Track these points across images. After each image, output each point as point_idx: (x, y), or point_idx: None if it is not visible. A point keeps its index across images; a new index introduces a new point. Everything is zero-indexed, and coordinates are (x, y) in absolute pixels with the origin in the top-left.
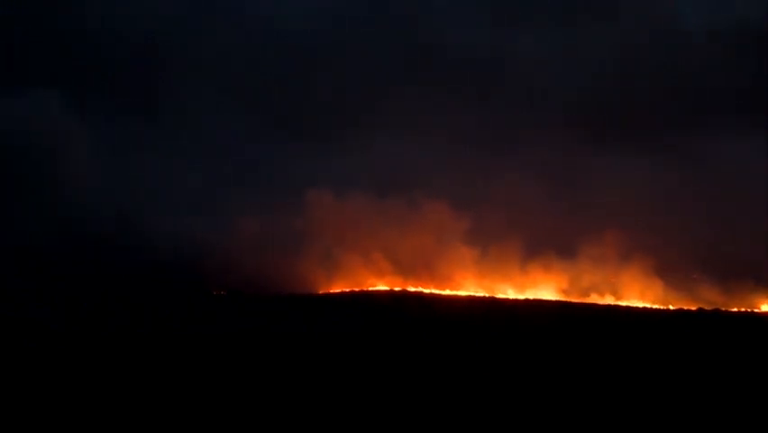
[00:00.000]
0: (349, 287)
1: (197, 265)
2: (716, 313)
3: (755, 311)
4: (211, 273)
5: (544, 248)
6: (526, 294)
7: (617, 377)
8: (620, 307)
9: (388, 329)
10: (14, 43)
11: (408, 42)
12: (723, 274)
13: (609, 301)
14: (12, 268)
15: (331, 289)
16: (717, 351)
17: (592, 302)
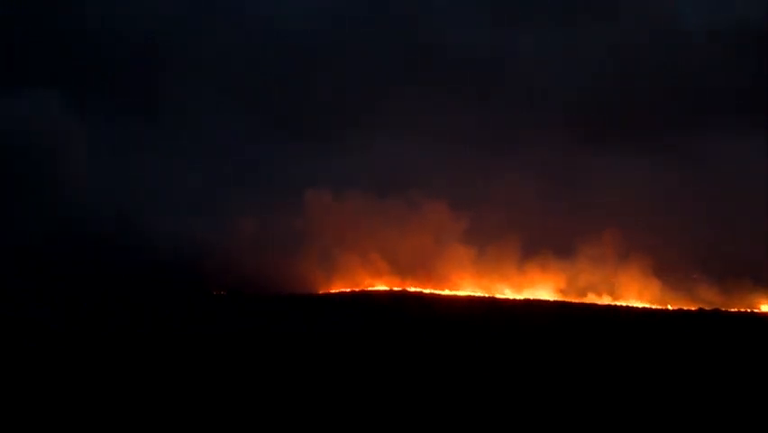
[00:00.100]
0: (348, 287)
1: (197, 265)
2: (716, 313)
3: (755, 311)
4: (211, 273)
5: (542, 248)
6: (524, 294)
7: (618, 377)
8: (620, 307)
9: (388, 329)
10: (14, 43)
11: (408, 42)
12: (722, 274)
13: (609, 302)
14: (12, 268)
15: (330, 289)
16: (717, 351)
17: (592, 302)
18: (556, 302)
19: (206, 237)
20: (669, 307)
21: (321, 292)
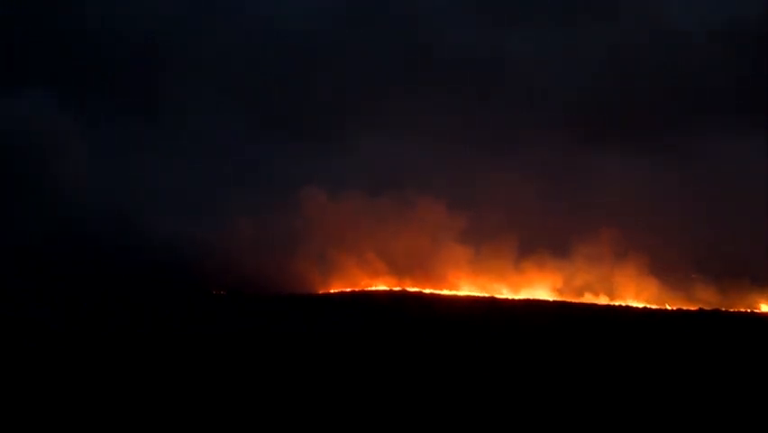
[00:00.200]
0: (347, 287)
1: (197, 265)
2: (716, 313)
3: (755, 311)
4: (211, 273)
5: (540, 247)
6: (521, 293)
7: (618, 377)
8: (620, 307)
9: (388, 329)
10: (14, 43)
11: (408, 42)
12: (720, 274)
13: (608, 301)
14: (12, 268)
15: (330, 288)
16: (717, 351)
17: (592, 302)
18: (556, 302)
19: (206, 237)
20: (669, 307)
21: (320, 292)
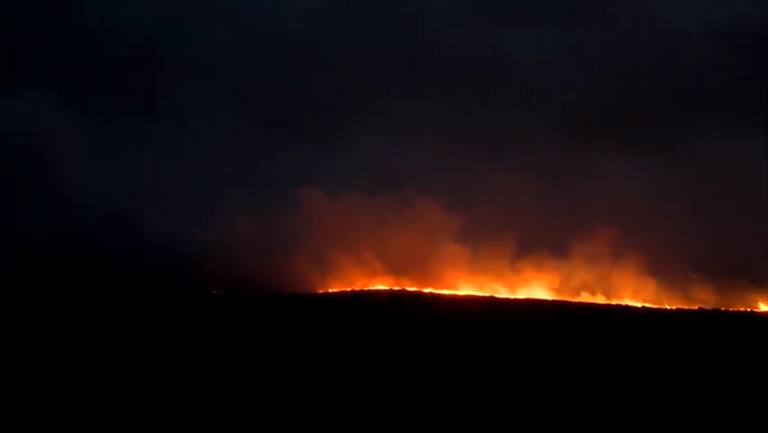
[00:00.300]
0: (345, 286)
1: (197, 265)
2: (715, 313)
3: (755, 311)
4: (211, 273)
5: (538, 247)
6: (519, 293)
7: (619, 377)
8: (620, 307)
9: (388, 329)
10: (14, 43)
11: (408, 42)
12: (718, 274)
13: (607, 301)
14: (12, 268)
15: (329, 288)
16: (717, 351)
17: (592, 302)
18: (556, 302)
19: (206, 237)
20: (669, 307)
21: (320, 292)
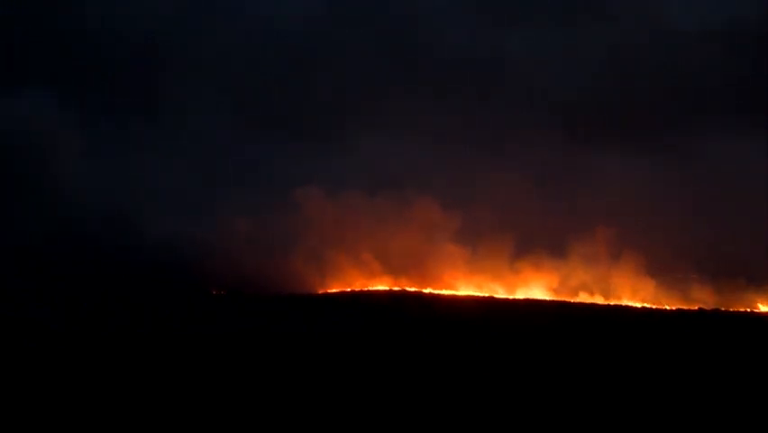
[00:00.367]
0: (344, 286)
1: (197, 265)
2: (715, 313)
3: (755, 311)
4: (211, 273)
5: (537, 247)
6: (517, 293)
7: (619, 377)
8: (620, 307)
9: (388, 329)
10: (14, 43)
11: (408, 42)
12: (716, 274)
13: (606, 301)
14: (12, 268)
15: (329, 288)
16: (716, 351)
17: (593, 302)
18: (556, 302)
19: (206, 237)
20: (669, 307)
21: (320, 292)
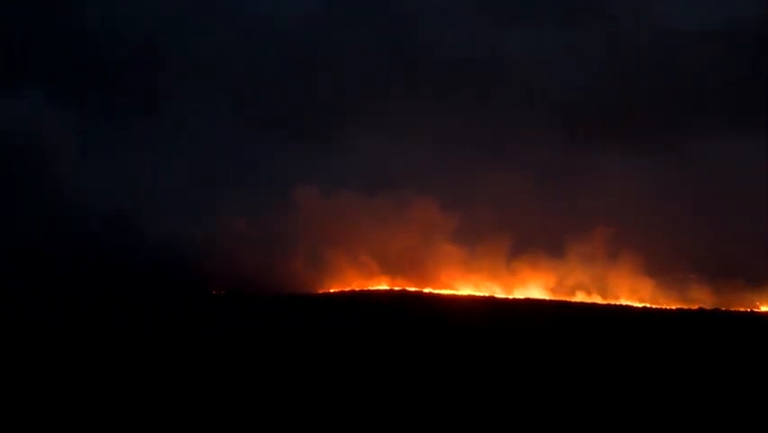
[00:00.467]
0: (344, 286)
1: (197, 265)
2: (715, 313)
3: (755, 311)
4: (211, 273)
5: (537, 247)
6: (515, 293)
7: (619, 377)
8: (621, 307)
9: (388, 329)
10: (14, 43)
11: (408, 42)
12: (715, 274)
13: (608, 301)
14: (12, 268)
15: (329, 288)
16: (717, 351)
17: (594, 302)
18: (557, 302)
19: (206, 237)
20: (670, 307)
21: (320, 292)
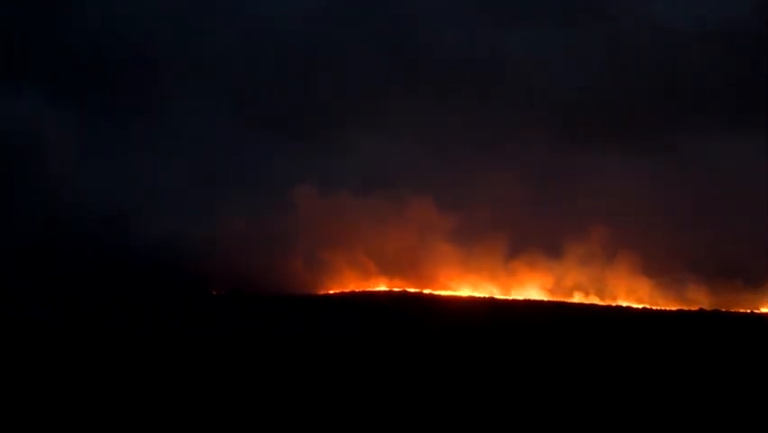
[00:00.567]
0: (342, 287)
1: (197, 265)
2: (715, 314)
3: (755, 312)
4: (211, 273)
5: (534, 247)
6: (512, 293)
7: (620, 378)
8: (620, 307)
9: (388, 329)
10: (14, 43)
11: (408, 42)
12: (715, 275)
13: (606, 302)
14: (12, 268)
15: (329, 289)
16: (717, 351)
17: (593, 303)
18: (557, 303)
19: (206, 237)
20: (670, 308)
21: (320, 293)
